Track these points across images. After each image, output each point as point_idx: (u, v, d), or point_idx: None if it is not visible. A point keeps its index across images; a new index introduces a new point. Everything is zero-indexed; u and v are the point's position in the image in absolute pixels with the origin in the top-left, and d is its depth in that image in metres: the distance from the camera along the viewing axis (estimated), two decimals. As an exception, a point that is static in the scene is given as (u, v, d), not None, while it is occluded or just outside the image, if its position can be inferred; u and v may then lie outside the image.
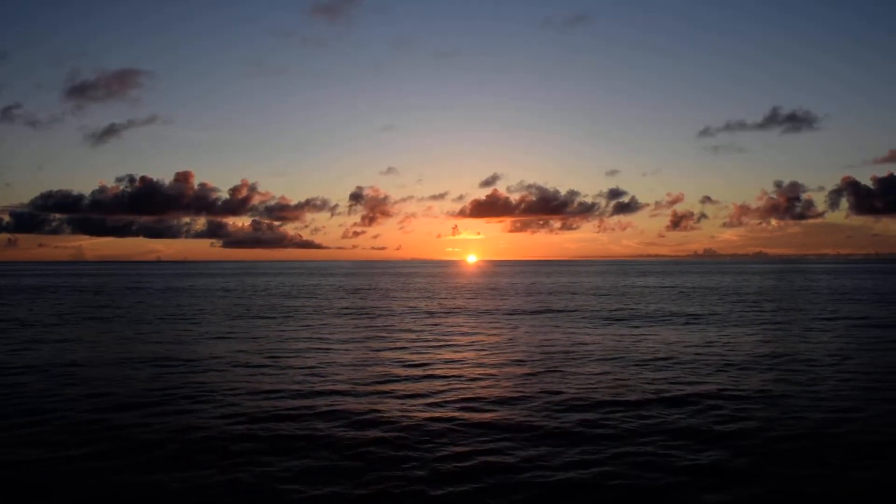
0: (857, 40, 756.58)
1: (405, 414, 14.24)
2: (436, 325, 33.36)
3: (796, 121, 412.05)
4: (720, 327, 31.18)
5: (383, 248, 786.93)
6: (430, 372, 19.41)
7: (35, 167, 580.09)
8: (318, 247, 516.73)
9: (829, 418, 13.83)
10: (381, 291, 67.61)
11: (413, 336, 28.39)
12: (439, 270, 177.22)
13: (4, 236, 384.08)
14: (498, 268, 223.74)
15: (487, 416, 14.13)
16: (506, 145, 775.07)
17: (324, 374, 19.06)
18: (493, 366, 20.47)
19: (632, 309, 42.29)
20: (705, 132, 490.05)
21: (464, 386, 17.25)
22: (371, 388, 16.93)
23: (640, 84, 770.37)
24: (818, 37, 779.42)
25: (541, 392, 16.34)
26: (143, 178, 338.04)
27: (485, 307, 45.01)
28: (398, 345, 25.41)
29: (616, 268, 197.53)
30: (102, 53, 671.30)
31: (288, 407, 14.83)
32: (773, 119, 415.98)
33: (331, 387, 17.10)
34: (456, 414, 14.26)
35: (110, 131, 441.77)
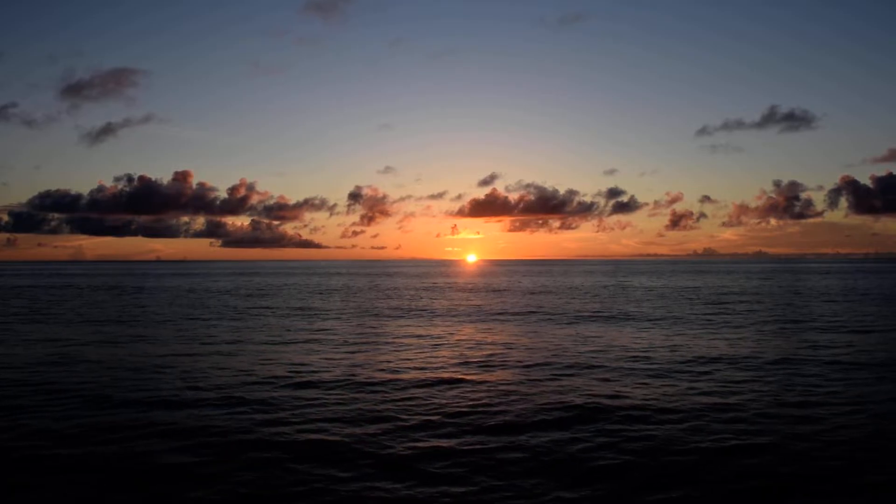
0: (854, 39, 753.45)
1: (231, 425, 12.56)
2: (358, 325, 31.70)
3: (794, 120, 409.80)
4: (670, 329, 29.47)
5: (383, 248, 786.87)
6: (307, 378, 17.70)
7: (32, 167, 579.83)
8: (318, 246, 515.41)
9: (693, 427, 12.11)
10: (346, 292, 65.91)
11: (322, 337, 26.72)
12: (431, 270, 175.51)
13: (3, 236, 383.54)
14: (493, 267, 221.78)
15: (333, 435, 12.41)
16: (503, 144, 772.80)
17: (187, 378, 17.37)
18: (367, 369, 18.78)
19: (589, 309, 40.58)
20: (703, 131, 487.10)
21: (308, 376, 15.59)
22: (218, 396, 15.24)
23: (637, 83, 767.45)
24: (816, 35, 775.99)
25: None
26: (141, 178, 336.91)
27: (432, 308, 43.31)
28: (294, 347, 23.74)
29: (609, 267, 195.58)
30: (96, 53, 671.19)
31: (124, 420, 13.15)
32: (770, 118, 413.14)
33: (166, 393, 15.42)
34: (286, 431, 12.56)
35: (106, 130, 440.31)
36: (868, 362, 20.15)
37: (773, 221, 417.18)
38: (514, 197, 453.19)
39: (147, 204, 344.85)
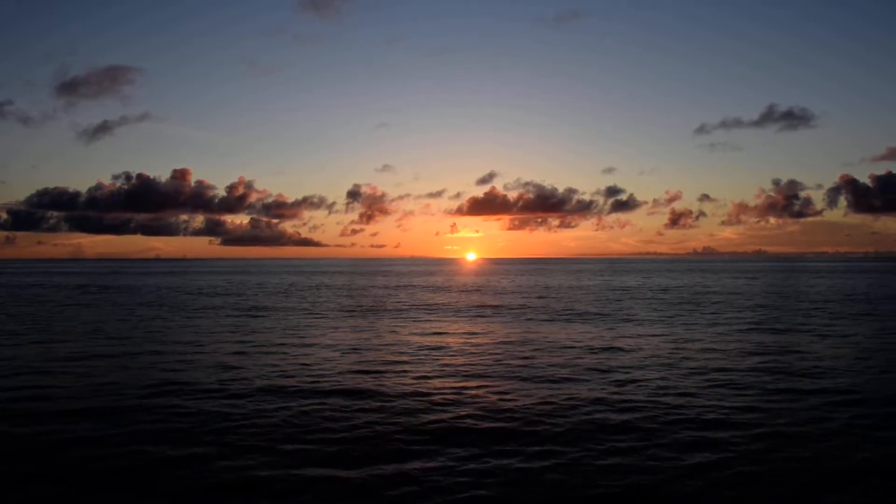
0: (853, 37, 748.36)
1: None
2: (296, 323, 30.34)
3: (793, 118, 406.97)
4: (616, 326, 28.13)
5: (382, 246, 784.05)
6: (235, 375, 16.40)
7: (29, 165, 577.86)
8: (317, 244, 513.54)
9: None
10: (312, 291, 64.60)
11: (255, 335, 25.40)
12: (422, 269, 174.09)
13: (2, 234, 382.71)
14: (489, 266, 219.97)
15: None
16: (501, 143, 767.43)
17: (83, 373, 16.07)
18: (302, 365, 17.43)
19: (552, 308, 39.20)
20: (701, 130, 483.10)
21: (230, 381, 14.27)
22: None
23: (634, 81, 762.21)
24: (814, 34, 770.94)
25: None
26: (139, 176, 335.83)
27: (387, 307, 41.99)
28: (215, 346, 22.43)
29: (603, 266, 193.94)
30: (92, 51, 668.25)
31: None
32: (769, 116, 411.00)
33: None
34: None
35: (103, 128, 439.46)
36: (789, 370, 18.80)
37: (772, 220, 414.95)
38: (512, 195, 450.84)
39: (146, 202, 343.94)
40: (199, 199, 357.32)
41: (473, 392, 15.68)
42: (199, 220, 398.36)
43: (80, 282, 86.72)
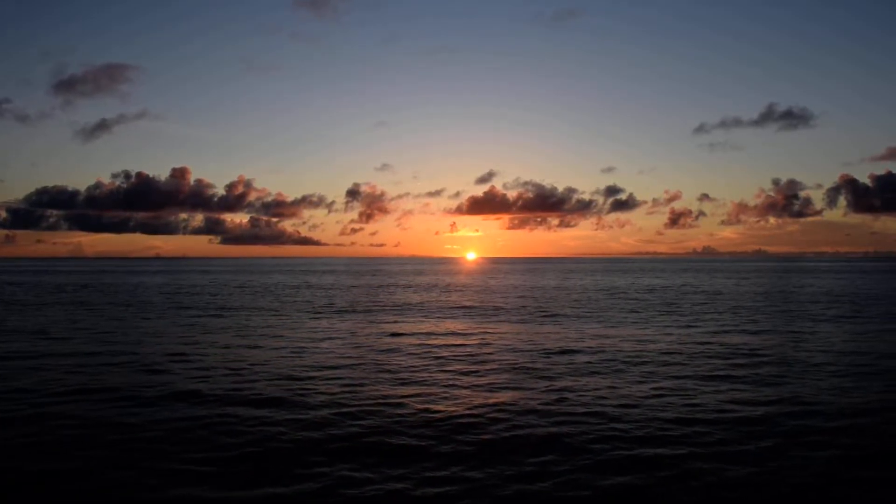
0: (852, 37, 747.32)
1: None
2: (256, 323, 29.22)
3: (792, 118, 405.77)
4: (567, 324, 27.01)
5: (382, 245, 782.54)
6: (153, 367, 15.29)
7: (28, 163, 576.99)
8: (317, 243, 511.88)
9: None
10: (292, 290, 63.48)
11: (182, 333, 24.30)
12: (414, 268, 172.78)
13: (2, 233, 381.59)
14: (485, 265, 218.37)
15: None
16: (499, 142, 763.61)
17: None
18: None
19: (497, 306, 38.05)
20: (700, 129, 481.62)
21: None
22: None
23: (633, 80, 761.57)
24: (813, 33, 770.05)
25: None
26: (138, 175, 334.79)
27: (358, 308, 40.86)
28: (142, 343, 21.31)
29: (596, 266, 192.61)
30: (88, 49, 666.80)
31: None
32: (768, 116, 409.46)
33: None
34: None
35: (101, 127, 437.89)
36: (745, 377, 17.67)
37: (772, 220, 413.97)
38: (512, 195, 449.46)
39: (145, 201, 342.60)
40: (198, 198, 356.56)
41: (398, 400, 14.55)
42: (198, 218, 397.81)
43: (63, 281, 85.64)
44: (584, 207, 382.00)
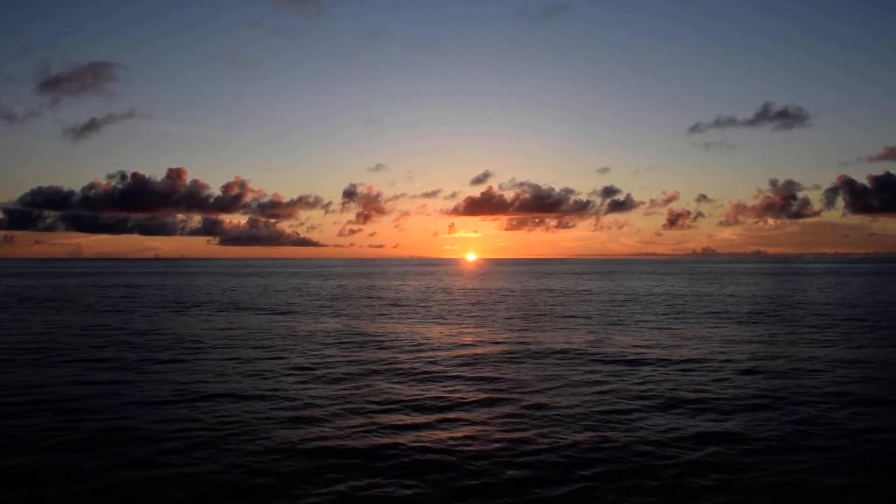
0: (848, 36, 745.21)
1: None
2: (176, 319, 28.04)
3: (788, 117, 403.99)
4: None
5: (381, 246, 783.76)
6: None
7: (18, 162, 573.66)
8: (316, 244, 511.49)
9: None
10: (252, 291, 62.32)
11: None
12: (407, 270, 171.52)
13: (0, 233, 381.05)
14: (482, 266, 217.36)
15: None
16: (493, 141, 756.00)
17: None
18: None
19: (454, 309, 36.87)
20: (695, 128, 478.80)
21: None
22: None
23: (626, 78, 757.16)
24: (809, 32, 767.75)
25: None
26: (133, 175, 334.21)
27: (323, 309, 39.71)
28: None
29: (588, 267, 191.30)
30: (71, 45, 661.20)
31: None
32: (764, 115, 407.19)
33: None
34: None
35: (90, 126, 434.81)
36: (672, 394, 16.40)
37: (770, 221, 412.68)
38: (509, 195, 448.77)
39: (140, 201, 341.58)
40: (193, 199, 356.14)
41: (311, 414, 13.34)
42: (195, 219, 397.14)
43: (34, 283, 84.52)
44: (582, 208, 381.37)
